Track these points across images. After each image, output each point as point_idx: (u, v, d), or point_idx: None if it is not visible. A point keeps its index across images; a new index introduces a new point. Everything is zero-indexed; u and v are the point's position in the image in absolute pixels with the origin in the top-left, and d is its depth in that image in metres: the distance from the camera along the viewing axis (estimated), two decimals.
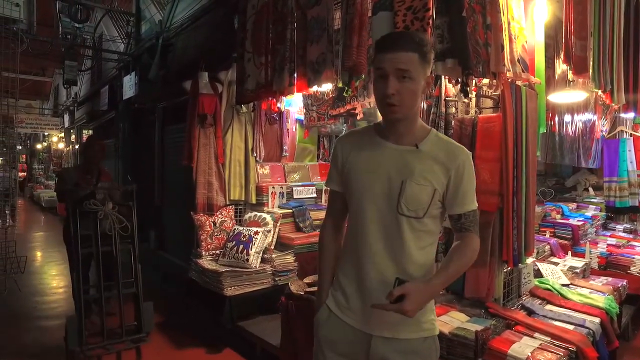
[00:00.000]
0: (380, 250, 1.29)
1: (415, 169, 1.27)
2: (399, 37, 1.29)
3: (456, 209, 1.31)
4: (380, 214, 1.30)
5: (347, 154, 1.39)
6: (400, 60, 1.20)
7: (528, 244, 2.36)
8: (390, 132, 1.32)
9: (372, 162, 1.33)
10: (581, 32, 2.38)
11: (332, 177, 1.45)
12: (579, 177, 6.21)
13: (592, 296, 2.52)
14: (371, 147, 1.34)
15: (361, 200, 1.33)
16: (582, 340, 1.91)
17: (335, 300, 1.38)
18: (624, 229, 4.93)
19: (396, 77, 1.21)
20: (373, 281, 1.29)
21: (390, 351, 1.28)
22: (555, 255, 3.43)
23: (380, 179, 1.30)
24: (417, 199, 1.26)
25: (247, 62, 3.49)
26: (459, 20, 1.90)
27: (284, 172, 4.63)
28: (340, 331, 1.35)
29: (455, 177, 1.28)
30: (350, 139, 1.44)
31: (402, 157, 1.29)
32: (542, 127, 2.45)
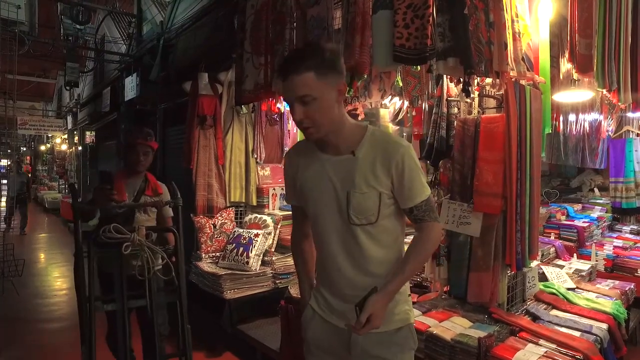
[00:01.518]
0: (342, 258, 1.35)
1: (355, 178, 1.29)
2: (289, 62, 1.25)
3: (406, 203, 1.32)
4: (335, 225, 1.34)
5: (295, 170, 1.43)
6: (295, 85, 1.20)
7: (532, 247, 2.31)
8: (326, 145, 1.34)
9: (317, 176, 1.36)
10: (586, 30, 2.32)
11: (289, 193, 1.52)
12: (584, 177, 6.12)
13: (599, 300, 2.46)
14: (314, 162, 1.37)
15: (316, 214, 1.38)
16: (589, 348, 1.85)
17: (317, 302, 1.46)
18: (631, 230, 4.84)
19: (300, 103, 1.21)
20: (342, 285, 1.37)
21: (369, 343, 1.35)
22: (561, 258, 3.36)
23: (329, 193, 1.34)
24: (363, 207, 1.29)
25: (246, 62, 3.45)
26: (460, 18, 1.84)
27: None
28: (324, 329, 1.43)
29: (396, 174, 1.29)
30: (296, 153, 1.47)
31: (342, 168, 1.32)
32: (547, 127, 2.39)
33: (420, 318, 2.13)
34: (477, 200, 2.20)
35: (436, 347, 1.93)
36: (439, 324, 2.05)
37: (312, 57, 1.21)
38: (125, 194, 2.41)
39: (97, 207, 2.25)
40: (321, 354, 1.45)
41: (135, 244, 1.94)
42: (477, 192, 2.20)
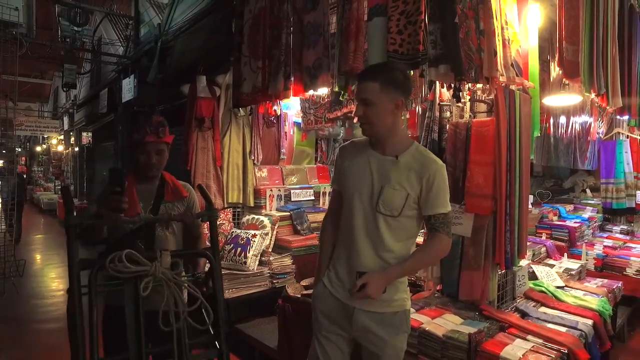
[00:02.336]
0: (362, 240, 1.57)
1: (392, 177, 1.54)
2: (367, 70, 1.63)
3: (427, 211, 1.55)
4: (364, 210, 1.58)
5: (345, 160, 1.69)
6: (363, 89, 1.53)
7: (521, 246, 2.38)
8: (377, 144, 1.62)
9: (361, 167, 1.62)
10: (572, 37, 2.41)
11: (334, 179, 1.78)
12: (576, 178, 6.23)
13: (586, 298, 2.54)
14: (362, 155, 1.64)
15: (351, 198, 1.61)
16: (574, 342, 1.93)
17: (329, 278, 1.67)
18: (621, 230, 4.95)
19: (362, 104, 1.54)
20: (357, 265, 1.57)
21: (369, 321, 1.57)
22: (551, 257, 3.45)
23: (366, 182, 1.59)
24: (391, 201, 1.53)
25: (244, 66, 3.52)
26: (451, 26, 1.92)
27: (282, 175, 4.64)
28: (331, 303, 1.64)
29: (426, 184, 1.53)
30: (349, 148, 1.74)
31: (383, 166, 1.57)
32: (536, 130, 2.47)
33: (414, 315, 2.20)
34: (469, 202, 2.27)
35: (428, 342, 2.01)
36: (432, 320, 2.12)
37: (383, 72, 1.54)
38: (138, 205, 1.78)
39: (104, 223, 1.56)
40: (327, 323, 1.66)
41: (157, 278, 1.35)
42: (469, 194, 2.28)
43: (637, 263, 3.84)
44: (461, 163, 2.35)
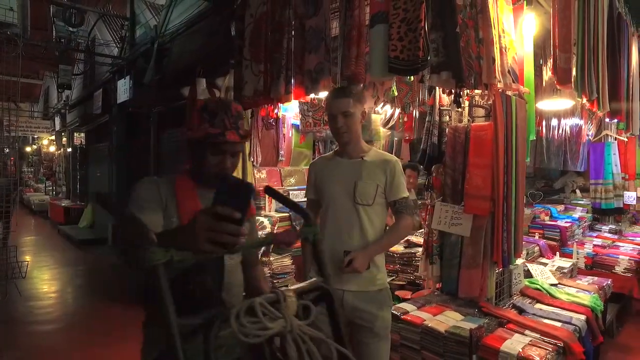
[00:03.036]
0: (345, 229, 1.87)
1: (362, 173, 1.90)
2: (340, 90, 2.01)
3: (391, 197, 1.91)
4: (343, 204, 1.90)
5: (317, 172, 2.04)
6: (341, 104, 1.86)
7: (517, 245, 2.48)
8: (344, 151, 1.97)
9: (335, 172, 1.96)
10: (565, 46, 2.51)
11: (309, 190, 2.09)
12: (566, 179, 6.39)
13: (579, 295, 2.65)
14: (334, 163, 1.99)
15: (331, 197, 1.93)
16: (569, 337, 2.03)
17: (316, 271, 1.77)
18: (610, 229, 5.10)
19: (342, 116, 1.86)
20: (339, 251, 1.83)
21: (358, 301, 1.84)
22: (544, 256, 3.56)
23: (341, 182, 1.92)
24: (366, 192, 1.88)
25: (245, 69, 3.57)
26: (453, 35, 2.00)
27: (281, 176, 4.70)
28: None
29: (389, 176, 1.90)
30: (320, 161, 2.12)
31: (353, 166, 1.93)
32: (531, 134, 2.57)
33: (416, 312, 2.29)
34: (468, 203, 2.36)
35: (431, 338, 2.09)
36: (433, 317, 2.20)
37: (351, 90, 1.98)
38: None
39: (201, 258, 0.95)
40: None
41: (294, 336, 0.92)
42: (468, 195, 2.36)
43: (625, 261, 3.98)
44: (460, 165, 2.44)
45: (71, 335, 3.97)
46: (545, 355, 1.86)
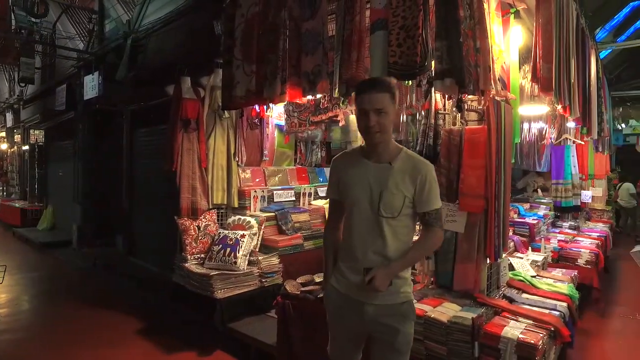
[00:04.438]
0: (368, 242, 1.73)
1: (389, 182, 1.70)
2: (372, 82, 1.76)
3: (422, 208, 1.72)
4: (367, 215, 1.73)
5: (341, 172, 1.84)
6: (376, 100, 1.65)
7: (505, 240, 2.67)
8: (371, 153, 1.76)
9: (358, 176, 1.77)
10: (547, 56, 2.73)
11: (332, 189, 1.90)
12: (528, 179, 6.84)
13: (557, 285, 2.89)
14: (358, 166, 1.79)
15: (353, 205, 1.76)
16: (557, 322, 2.23)
17: (336, 278, 1.83)
18: (569, 226, 5.53)
19: (375, 113, 1.65)
20: (364, 264, 1.70)
21: (380, 314, 1.72)
22: (519, 251, 3.82)
23: (365, 190, 1.73)
24: (391, 204, 1.69)
25: (236, 69, 3.56)
26: (457, 44, 2.14)
27: (265, 176, 4.73)
28: (342, 301, 1.79)
29: (420, 185, 1.70)
30: (343, 159, 1.88)
31: (379, 173, 1.73)
32: (516, 137, 2.78)
33: (416, 304, 2.40)
34: (462, 201, 2.52)
35: (434, 328, 2.22)
36: (434, 309, 2.34)
37: (389, 85, 1.72)
38: None
39: None
40: (339, 319, 1.84)
41: None
42: (462, 194, 2.52)
43: (586, 254, 4.35)
44: (455, 166, 2.60)
45: (37, 343, 3.77)
46: (540, 339, 2.04)
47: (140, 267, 5.76)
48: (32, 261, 7.00)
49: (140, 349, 3.55)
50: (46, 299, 5.13)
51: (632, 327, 4.10)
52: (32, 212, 9.48)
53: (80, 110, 7.43)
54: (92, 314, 4.37)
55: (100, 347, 3.55)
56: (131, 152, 6.26)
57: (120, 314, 4.31)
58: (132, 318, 4.19)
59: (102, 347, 3.56)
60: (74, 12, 8.02)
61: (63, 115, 8.08)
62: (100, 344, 3.63)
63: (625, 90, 9.30)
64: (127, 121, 6.26)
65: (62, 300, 5.00)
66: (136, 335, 3.82)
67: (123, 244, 6.40)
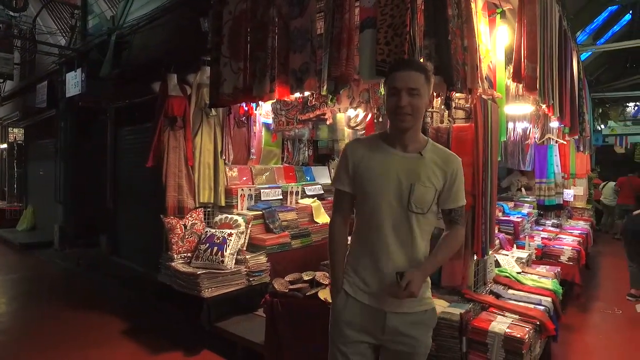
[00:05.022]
0: (393, 241, 1.54)
1: (421, 174, 1.53)
2: (408, 60, 1.60)
3: (449, 205, 1.59)
4: (393, 211, 1.53)
5: (358, 160, 1.60)
6: (410, 78, 1.48)
7: (491, 237, 2.71)
8: (397, 141, 1.57)
9: (383, 167, 1.55)
10: (532, 56, 2.78)
11: (341, 179, 1.65)
12: (512, 178, 6.95)
13: (542, 280, 2.95)
14: (381, 154, 1.57)
15: (376, 200, 1.55)
16: (543, 316, 2.28)
17: (352, 286, 1.62)
18: (552, 224, 5.65)
19: (407, 94, 1.47)
20: (388, 267, 1.53)
21: (402, 323, 1.55)
22: (504, 248, 3.88)
23: (392, 182, 1.53)
24: (423, 198, 1.53)
25: (224, 67, 3.53)
26: (445, 42, 2.17)
27: (252, 175, 4.70)
28: (358, 311, 1.59)
29: (450, 179, 1.57)
30: (360, 145, 1.64)
31: (409, 163, 1.55)
32: (502, 135, 2.82)
33: None
34: None
35: None
36: None
37: (423, 66, 1.56)
38: None
39: None
40: (354, 333, 1.60)
41: None
42: None
43: (569, 251, 4.45)
44: None
45: (18, 346, 3.66)
46: (526, 333, 2.07)
47: (125, 267, 5.67)
48: (12, 262, 6.82)
49: (126, 349, 3.49)
50: (27, 300, 5.00)
51: (611, 321, 4.21)
52: (11, 212, 9.23)
53: (62, 107, 7.27)
54: (76, 315, 4.28)
55: (85, 349, 3.49)
56: (115, 151, 6.15)
57: (105, 315, 4.23)
58: (117, 318, 4.12)
59: (87, 349, 3.49)
60: (55, 7, 7.84)
61: (44, 113, 7.89)
62: (85, 345, 3.56)
63: (604, 92, 9.56)
64: (112, 119, 6.15)
65: (44, 301, 4.89)
66: (122, 335, 3.76)
67: (107, 243, 6.28)
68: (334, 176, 1.69)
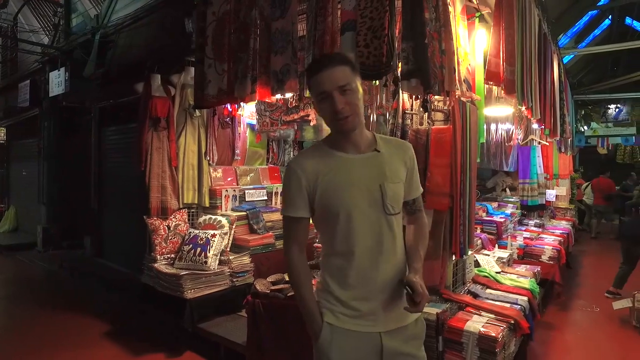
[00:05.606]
0: (377, 252, 1.36)
1: (386, 171, 1.39)
2: (325, 58, 1.42)
3: (411, 195, 1.48)
4: (370, 219, 1.36)
5: (313, 176, 1.39)
6: (336, 76, 1.31)
7: (470, 238, 2.75)
8: (347, 144, 1.39)
9: (345, 175, 1.37)
10: (510, 60, 2.83)
11: (296, 205, 1.41)
12: (497, 179, 7.04)
13: (520, 280, 3.01)
14: (338, 162, 1.39)
15: (348, 213, 1.36)
16: (518, 315, 2.32)
17: (335, 314, 1.39)
18: (535, 224, 5.74)
19: (340, 93, 1.31)
20: (378, 283, 1.35)
21: (399, 342, 1.38)
22: (486, 248, 3.93)
23: (360, 189, 1.36)
24: (397, 196, 1.40)
25: (208, 68, 3.53)
26: (422, 45, 2.20)
27: (236, 175, 4.70)
28: (350, 342, 1.37)
29: (410, 167, 1.46)
30: (308, 160, 1.42)
31: (370, 164, 1.39)
32: (481, 137, 2.86)
33: None
34: (429, 199, 2.57)
35: None
36: None
37: (346, 57, 1.39)
38: None
39: None
40: None
41: None
42: (429, 192, 2.57)
43: (549, 251, 4.53)
44: (422, 165, 2.64)
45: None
46: (501, 331, 2.11)
47: (109, 269, 5.61)
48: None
49: (108, 351, 3.46)
50: (9, 303, 4.93)
51: (590, 319, 4.30)
52: None
53: (45, 107, 7.17)
54: (59, 318, 4.23)
55: (67, 351, 3.46)
56: (100, 151, 6.08)
57: (88, 317, 4.19)
58: (100, 321, 4.08)
59: (69, 351, 3.46)
60: (37, 5, 7.73)
61: (27, 112, 7.78)
62: (66, 347, 3.52)
63: (586, 94, 9.74)
64: (96, 119, 6.08)
65: (26, 304, 4.81)
66: (104, 338, 3.73)
67: (91, 245, 6.21)
68: (285, 203, 1.44)
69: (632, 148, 12.21)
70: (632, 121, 11.04)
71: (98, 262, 5.94)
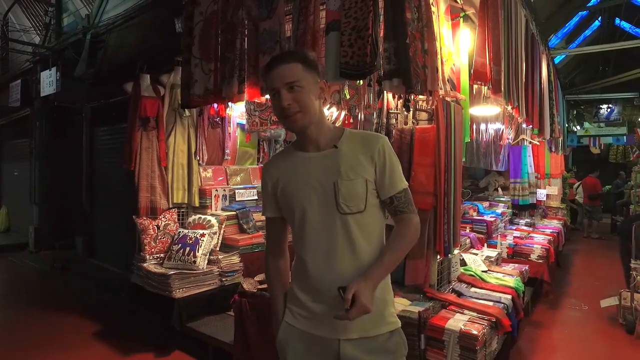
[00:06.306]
0: (331, 253, 1.30)
1: (340, 168, 1.32)
2: (278, 56, 1.38)
3: (387, 192, 1.34)
4: (323, 219, 1.32)
5: (275, 177, 1.41)
6: (285, 73, 1.28)
7: (455, 237, 2.77)
8: (306, 142, 1.37)
9: (300, 174, 1.36)
10: (496, 59, 2.85)
11: (266, 206, 1.46)
12: (489, 178, 7.07)
13: (505, 279, 3.02)
14: (295, 163, 1.39)
15: (303, 212, 1.34)
16: (500, 313, 2.34)
17: (294, 315, 1.38)
18: (526, 223, 5.77)
19: (287, 90, 1.28)
20: (332, 287, 1.26)
21: (361, 352, 1.28)
22: (474, 247, 3.95)
23: (314, 188, 1.33)
24: (352, 194, 1.30)
25: (195, 68, 3.52)
26: (403, 46, 2.21)
27: (226, 175, 4.70)
28: (305, 345, 1.35)
29: (379, 161, 1.33)
30: (273, 163, 1.47)
31: (325, 161, 1.34)
32: (466, 136, 2.88)
33: None
34: (413, 198, 2.58)
35: None
36: None
37: (299, 53, 1.37)
38: None
39: None
40: None
41: None
42: (413, 191, 2.53)
43: (539, 250, 4.56)
44: (406, 164, 2.66)
45: None
46: (482, 329, 2.13)
47: (100, 269, 5.61)
48: None
49: (97, 351, 3.47)
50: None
51: (579, 317, 4.33)
52: None
53: (37, 107, 7.15)
54: (49, 318, 4.22)
55: (58, 351, 3.46)
56: (91, 151, 6.07)
57: (78, 317, 4.19)
58: (90, 321, 4.08)
59: (59, 351, 3.46)
60: (28, 4, 7.70)
61: (18, 112, 7.75)
62: (57, 347, 3.52)
63: (578, 94, 9.80)
64: (87, 119, 6.07)
65: (18, 304, 4.81)
66: (94, 338, 3.73)
67: (83, 245, 6.20)
68: (262, 205, 1.50)
69: (624, 148, 12.29)
70: (623, 121, 11.11)
71: (90, 262, 5.93)
